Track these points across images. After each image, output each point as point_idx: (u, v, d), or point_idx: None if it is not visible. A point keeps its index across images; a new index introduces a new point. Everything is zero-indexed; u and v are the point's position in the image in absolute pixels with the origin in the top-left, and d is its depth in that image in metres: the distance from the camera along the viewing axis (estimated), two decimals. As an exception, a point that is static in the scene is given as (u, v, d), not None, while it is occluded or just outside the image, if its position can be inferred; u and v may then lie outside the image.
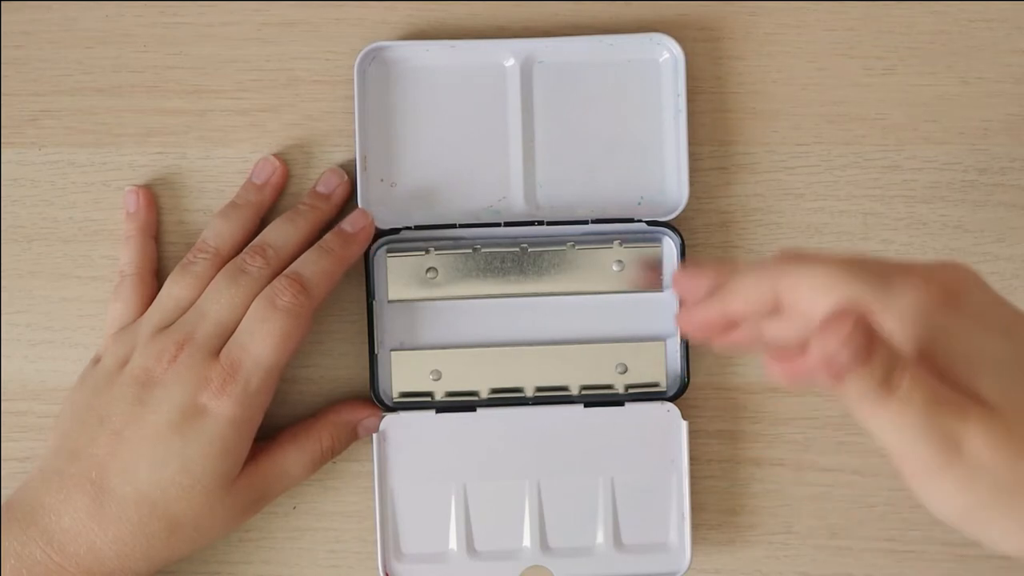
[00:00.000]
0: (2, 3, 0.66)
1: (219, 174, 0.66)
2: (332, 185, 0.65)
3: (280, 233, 0.64)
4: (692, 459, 0.65)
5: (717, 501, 0.67)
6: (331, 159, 0.66)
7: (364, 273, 0.65)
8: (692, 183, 0.65)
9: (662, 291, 0.65)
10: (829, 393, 0.49)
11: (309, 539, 0.67)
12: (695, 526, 0.66)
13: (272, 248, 0.63)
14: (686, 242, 0.65)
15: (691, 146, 0.66)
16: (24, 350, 0.66)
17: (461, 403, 0.65)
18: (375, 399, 0.65)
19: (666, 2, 0.66)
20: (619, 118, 0.66)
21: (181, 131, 0.66)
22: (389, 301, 0.65)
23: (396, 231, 0.65)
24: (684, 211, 0.65)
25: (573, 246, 0.65)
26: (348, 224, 0.64)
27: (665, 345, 0.65)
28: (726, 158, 0.67)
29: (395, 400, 0.65)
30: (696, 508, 0.66)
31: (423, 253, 0.65)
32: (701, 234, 0.67)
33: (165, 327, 0.62)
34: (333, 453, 0.65)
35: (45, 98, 0.66)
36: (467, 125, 0.66)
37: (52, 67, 0.66)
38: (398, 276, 0.65)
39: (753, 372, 0.67)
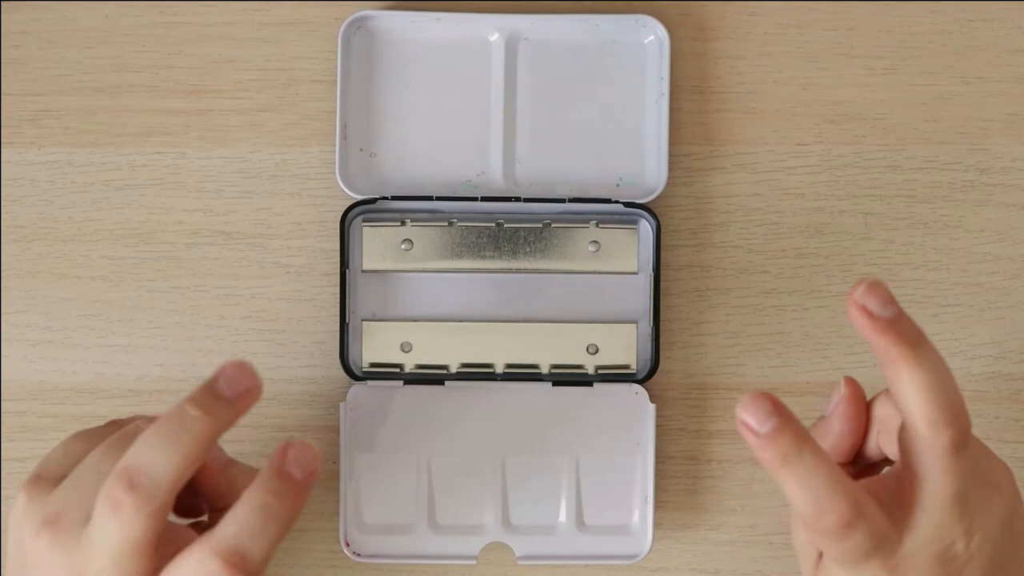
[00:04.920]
0: (2, 3, 0.66)
1: (219, 174, 0.66)
2: (238, 386, 0.49)
3: (155, 456, 0.47)
4: (659, 444, 0.65)
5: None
6: (331, 159, 0.66)
7: (339, 242, 0.65)
8: (672, 168, 0.65)
9: (636, 273, 0.65)
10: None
11: (309, 539, 0.67)
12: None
13: (147, 479, 0.47)
14: (662, 226, 0.65)
15: (688, 145, 0.66)
16: (24, 350, 0.66)
17: (430, 375, 0.65)
18: (344, 368, 0.65)
19: (665, 1, 0.66)
20: (602, 98, 0.66)
21: (181, 131, 0.66)
22: (363, 271, 0.65)
23: (372, 201, 0.65)
24: (661, 195, 0.65)
25: (549, 224, 0.65)
26: (295, 465, 0.48)
27: (637, 328, 0.65)
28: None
29: (364, 370, 0.65)
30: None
31: (399, 224, 0.65)
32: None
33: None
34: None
35: (45, 98, 0.66)
36: (449, 98, 0.66)
37: (52, 67, 0.66)
38: (373, 246, 0.65)
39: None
